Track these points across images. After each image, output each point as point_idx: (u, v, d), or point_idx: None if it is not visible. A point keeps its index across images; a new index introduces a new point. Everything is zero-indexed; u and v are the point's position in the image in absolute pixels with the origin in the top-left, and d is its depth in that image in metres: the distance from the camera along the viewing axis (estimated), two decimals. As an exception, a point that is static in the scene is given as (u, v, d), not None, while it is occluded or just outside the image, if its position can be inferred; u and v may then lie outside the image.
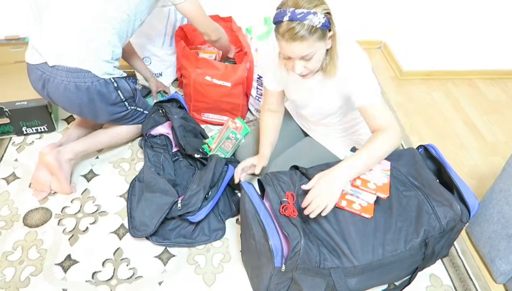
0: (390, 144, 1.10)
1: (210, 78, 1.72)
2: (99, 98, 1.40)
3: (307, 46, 1.02)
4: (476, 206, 1.18)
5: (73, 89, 1.34)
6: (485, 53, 2.34)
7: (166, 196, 1.34)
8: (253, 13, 1.99)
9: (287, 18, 0.99)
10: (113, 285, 1.27)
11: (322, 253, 1.06)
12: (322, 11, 0.99)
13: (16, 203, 1.48)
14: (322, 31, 1.01)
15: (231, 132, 1.71)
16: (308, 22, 0.98)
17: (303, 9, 0.98)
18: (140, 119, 1.64)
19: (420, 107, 2.19)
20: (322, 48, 1.06)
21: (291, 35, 1.00)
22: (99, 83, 1.36)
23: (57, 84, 1.34)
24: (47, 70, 1.34)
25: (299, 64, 1.08)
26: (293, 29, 0.98)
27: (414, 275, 1.20)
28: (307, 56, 1.05)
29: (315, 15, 0.98)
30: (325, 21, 1.00)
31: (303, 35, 0.99)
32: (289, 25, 0.99)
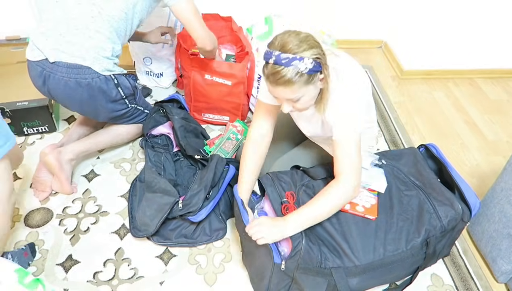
0: (339, 201, 1.06)
1: (210, 77, 1.72)
2: (100, 95, 1.40)
3: (291, 91, 0.98)
4: (477, 205, 1.18)
5: (73, 86, 1.35)
6: (486, 52, 2.33)
7: (167, 196, 1.34)
8: (254, 13, 1.99)
9: (272, 61, 0.95)
10: (114, 285, 1.27)
11: (323, 252, 1.06)
12: (310, 56, 0.94)
13: (17, 203, 1.48)
14: (309, 76, 0.96)
15: (232, 133, 1.71)
16: (293, 68, 0.93)
17: (289, 53, 0.93)
18: (141, 118, 1.63)
19: (421, 107, 2.19)
20: (311, 90, 1.01)
21: (275, 80, 0.96)
22: (100, 79, 1.36)
23: (58, 81, 1.34)
24: (47, 66, 1.34)
25: (286, 105, 1.05)
26: (277, 74, 0.94)
27: (415, 275, 1.20)
28: (294, 98, 1.01)
29: (302, 61, 0.93)
30: (314, 66, 0.94)
31: (287, 80, 0.94)
32: (274, 69, 0.95)
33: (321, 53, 0.97)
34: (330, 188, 1.06)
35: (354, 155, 1.06)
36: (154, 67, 2.01)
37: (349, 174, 1.05)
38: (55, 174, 1.47)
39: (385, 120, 2.05)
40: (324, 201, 1.05)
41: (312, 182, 1.20)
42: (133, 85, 1.50)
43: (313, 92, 1.03)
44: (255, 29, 1.86)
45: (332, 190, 1.05)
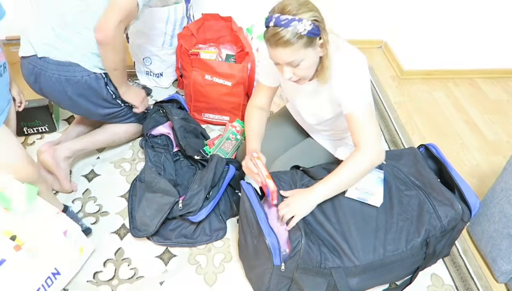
0: (365, 165, 1.08)
1: (210, 77, 1.72)
2: (90, 93, 1.40)
3: (291, 52, 1.00)
4: (477, 205, 1.18)
5: (64, 83, 1.35)
6: (486, 52, 2.33)
7: (167, 196, 1.34)
8: (254, 13, 1.99)
9: (272, 24, 0.97)
10: (114, 285, 1.27)
11: (323, 252, 1.06)
12: (309, 18, 0.97)
13: (17, 203, 1.48)
14: (308, 38, 0.98)
15: (231, 133, 1.71)
16: (292, 29, 0.96)
17: (288, 15, 0.96)
18: (136, 118, 1.63)
19: (421, 107, 2.19)
20: (311, 55, 1.04)
21: (274, 41, 0.98)
22: (89, 77, 1.36)
23: (48, 78, 1.34)
24: (38, 63, 1.34)
25: (286, 70, 1.06)
26: (277, 35, 0.97)
27: (415, 275, 1.20)
28: (293, 62, 1.03)
29: (300, 22, 0.96)
30: (312, 28, 0.97)
31: (286, 41, 0.97)
32: (274, 31, 0.97)
33: (319, 17, 1.00)
34: (355, 157, 1.07)
35: (369, 124, 1.08)
36: (154, 67, 2.01)
37: (369, 144, 1.07)
38: (52, 172, 1.46)
39: (385, 120, 2.05)
40: (351, 169, 1.07)
41: (312, 182, 1.19)
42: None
43: (313, 57, 1.05)
44: (255, 29, 1.86)
45: (357, 158, 1.07)
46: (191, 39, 1.91)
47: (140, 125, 1.67)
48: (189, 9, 1.97)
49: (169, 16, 1.85)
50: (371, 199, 1.15)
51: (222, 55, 1.89)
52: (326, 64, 1.08)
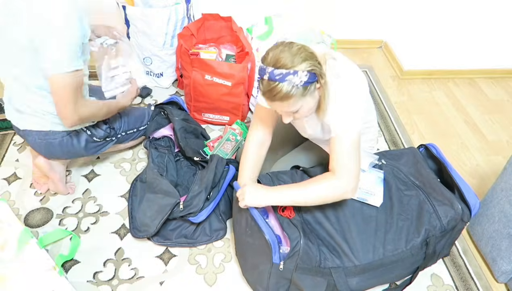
0: (335, 193, 1.04)
1: (210, 77, 1.72)
2: (76, 148, 1.40)
3: (289, 104, 0.98)
4: (477, 205, 1.18)
5: (46, 145, 1.35)
6: (486, 52, 2.33)
7: (168, 197, 1.34)
8: (254, 13, 1.99)
9: (266, 78, 0.94)
10: (114, 285, 1.27)
11: (322, 252, 1.06)
12: (304, 68, 0.93)
13: (17, 203, 1.48)
14: (304, 87, 0.95)
15: (231, 134, 1.71)
16: (287, 83, 0.93)
17: (282, 69, 0.92)
18: (136, 136, 1.63)
19: (421, 107, 2.19)
20: (309, 101, 1.01)
21: (271, 96, 0.96)
22: (70, 136, 1.36)
23: (32, 142, 1.35)
24: (20, 130, 1.34)
25: (286, 117, 1.05)
26: (272, 90, 0.94)
27: (415, 275, 1.20)
28: (292, 111, 1.01)
29: (296, 74, 0.92)
30: (308, 78, 0.94)
31: (283, 96, 0.94)
32: (269, 86, 0.94)
33: (315, 64, 0.96)
34: (330, 181, 1.03)
35: (353, 154, 1.04)
36: (154, 67, 2.01)
37: (345, 174, 1.03)
38: (47, 175, 1.46)
39: (385, 120, 2.05)
40: (320, 189, 1.04)
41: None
42: (108, 126, 1.47)
43: (311, 102, 1.02)
44: (255, 29, 1.86)
45: (332, 183, 1.03)
46: (191, 39, 1.91)
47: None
48: (189, 9, 1.97)
49: (170, 17, 1.85)
50: (371, 199, 1.15)
51: (222, 55, 1.89)
52: (323, 105, 1.04)
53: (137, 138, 1.66)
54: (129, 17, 1.86)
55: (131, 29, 1.90)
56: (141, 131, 1.63)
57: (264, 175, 1.21)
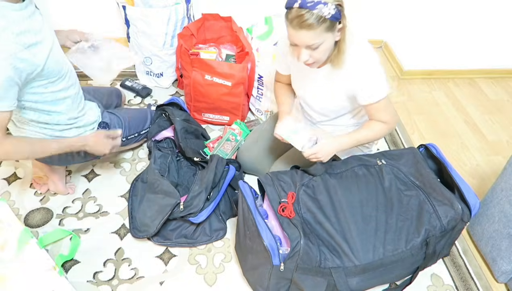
0: (382, 134, 1.24)
1: (210, 77, 1.72)
2: (76, 156, 1.39)
3: (314, 35, 1.02)
4: (477, 205, 1.18)
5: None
6: (486, 52, 2.33)
7: (168, 197, 1.34)
8: (254, 13, 1.99)
9: (297, 5, 0.98)
10: (114, 285, 1.27)
11: (322, 252, 1.06)
12: (333, 2, 0.98)
13: (17, 203, 1.48)
14: (331, 22, 1.01)
15: (231, 134, 1.71)
16: (317, 12, 0.97)
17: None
18: (138, 139, 1.63)
19: (421, 107, 2.19)
20: (330, 39, 1.06)
21: (298, 23, 1.00)
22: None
23: None
24: None
25: (304, 53, 1.08)
26: (302, 17, 0.98)
27: (415, 275, 1.20)
28: (314, 45, 1.05)
29: (326, 5, 0.97)
30: (335, 13, 0.99)
31: (311, 24, 0.98)
32: (298, 12, 0.98)
33: (342, 2, 1.02)
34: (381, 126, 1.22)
35: (389, 105, 1.20)
36: (154, 67, 2.01)
37: (390, 120, 1.21)
38: (46, 174, 1.46)
39: (385, 120, 2.05)
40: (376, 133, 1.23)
41: (312, 182, 1.19)
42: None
43: (331, 41, 1.07)
44: (255, 29, 1.85)
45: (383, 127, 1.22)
46: (191, 39, 1.91)
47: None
48: (189, 9, 1.97)
49: (170, 17, 1.85)
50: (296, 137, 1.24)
51: (222, 55, 1.89)
52: (342, 48, 1.11)
53: (139, 141, 1.66)
54: (129, 17, 1.86)
55: (131, 29, 1.90)
56: (142, 135, 1.63)
57: (264, 175, 1.21)
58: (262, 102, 1.89)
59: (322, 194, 1.16)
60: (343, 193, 1.16)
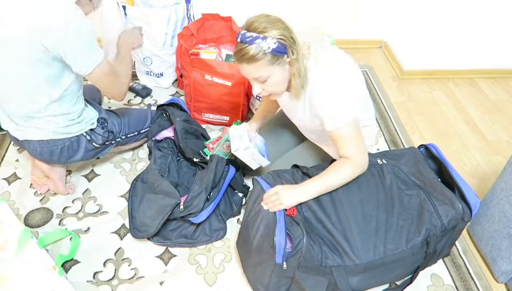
0: (345, 176, 1.12)
1: (210, 77, 1.72)
2: (77, 153, 1.40)
3: (256, 68, 1.02)
4: (478, 205, 1.18)
5: (48, 153, 1.34)
6: (486, 52, 2.33)
7: (168, 197, 1.34)
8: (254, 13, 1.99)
9: (238, 40, 1.01)
10: (114, 285, 1.27)
11: (323, 251, 1.06)
12: (274, 36, 0.98)
13: (17, 203, 1.48)
14: (273, 56, 1.00)
15: (231, 134, 1.70)
16: (255, 46, 0.98)
17: (253, 32, 0.99)
18: (137, 138, 1.63)
19: (421, 107, 2.19)
20: (278, 73, 1.05)
21: (239, 57, 1.02)
22: (71, 142, 1.36)
23: (33, 150, 1.34)
24: (19, 141, 1.34)
25: (255, 85, 1.09)
26: (241, 51, 1.00)
27: (415, 274, 1.20)
28: (260, 78, 1.05)
29: (265, 40, 0.98)
30: (277, 47, 0.99)
31: (250, 57, 0.99)
32: (239, 47, 1.01)
33: (287, 36, 1.01)
34: (339, 167, 1.11)
35: (355, 138, 1.10)
36: (154, 67, 2.01)
37: (353, 155, 1.10)
38: (46, 174, 1.46)
39: (385, 120, 2.05)
40: (336, 176, 1.11)
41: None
42: (104, 132, 1.45)
43: (280, 75, 1.06)
44: (255, 29, 1.85)
45: (345, 166, 1.11)
46: (191, 39, 1.91)
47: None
48: (189, 9, 1.97)
49: (170, 17, 1.85)
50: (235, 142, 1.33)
51: (222, 55, 1.89)
52: (293, 83, 1.10)
53: (140, 141, 1.66)
54: (129, 17, 1.86)
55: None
56: (142, 134, 1.63)
57: (266, 174, 1.21)
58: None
59: (323, 193, 1.16)
60: (344, 191, 1.16)
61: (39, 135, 1.30)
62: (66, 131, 1.32)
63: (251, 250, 1.20)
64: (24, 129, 1.29)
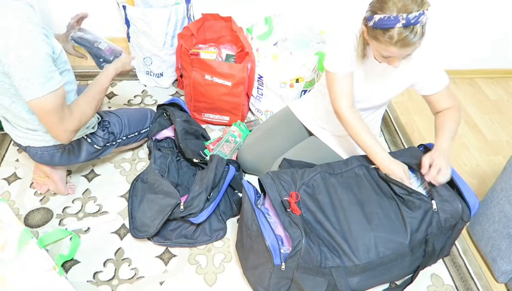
0: (459, 118, 1.27)
1: (210, 77, 1.72)
2: (78, 157, 1.40)
3: (415, 48, 1.05)
4: (477, 205, 1.18)
5: (49, 157, 1.35)
6: (486, 52, 2.33)
7: (168, 197, 1.34)
8: (254, 13, 1.99)
9: (400, 25, 0.99)
10: (114, 285, 1.27)
11: (323, 252, 1.06)
12: (427, 7, 1.01)
13: (17, 203, 1.48)
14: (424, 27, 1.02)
15: (230, 135, 1.71)
16: (420, 25, 1.00)
17: (414, 12, 0.99)
18: (138, 139, 1.63)
19: (421, 106, 2.19)
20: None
21: (405, 43, 1.01)
22: (72, 146, 1.36)
23: (33, 154, 1.34)
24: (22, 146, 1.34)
25: (397, 61, 1.10)
26: (409, 36, 1.00)
27: (415, 274, 1.20)
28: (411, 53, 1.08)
29: (424, 14, 1.00)
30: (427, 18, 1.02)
31: (415, 42, 1.02)
32: (405, 32, 1.00)
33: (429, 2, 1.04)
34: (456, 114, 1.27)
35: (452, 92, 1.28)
36: (154, 67, 2.01)
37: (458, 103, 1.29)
38: (47, 174, 1.46)
39: (385, 120, 2.05)
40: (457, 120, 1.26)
41: (312, 181, 1.20)
42: (104, 134, 1.45)
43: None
44: (255, 29, 1.86)
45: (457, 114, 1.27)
46: (191, 39, 1.91)
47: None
48: (189, 9, 1.97)
49: (170, 17, 1.85)
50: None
51: (222, 55, 1.89)
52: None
53: (140, 141, 1.66)
54: (129, 17, 1.86)
55: (131, 29, 1.90)
56: (142, 134, 1.63)
57: (264, 174, 1.21)
58: (262, 102, 1.89)
59: (322, 193, 1.16)
60: (343, 192, 1.16)
61: (40, 142, 1.30)
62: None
63: (249, 252, 1.20)
64: (26, 136, 1.29)
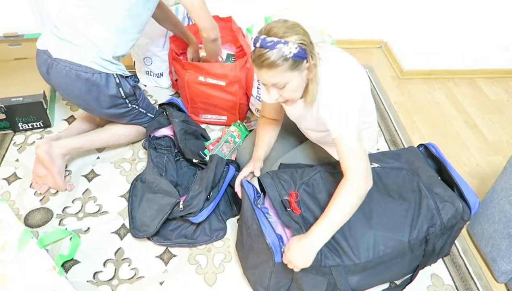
0: (353, 197, 0.99)
1: (204, 78, 1.71)
2: (98, 91, 1.40)
3: (275, 74, 0.99)
4: (477, 204, 1.18)
5: (73, 77, 1.36)
6: (486, 52, 2.33)
7: (168, 196, 1.34)
8: (254, 13, 1.99)
9: (258, 45, 0.98)
10: (114, 285, 1.27)
11: (323, 251, 1.06)
12: (295, 41, 0.96)
13: (17, 203, 1.48)
14: (294, 61, 0.98)
15: (229, 135, 1.71)
16: (277, 51, 0.96)
17: (274, 37, 0.96)
18: (143, 120, 1.63)
19: (421, 107, 2.19)
20: (297, 78, 1.02)
21: (258, 63, 0.99)
22: (100, 76, 1.37)
23: (60, 70, 1.36)
24: (51, 56, 1.37)
25: (273, 91, 1.06)
26: (262, 56, 0.97)
27: (415, 273, 1.20)
28: (278, 84, 1.02)
29: (286, 44, 0.95)
30: (298, 52, 0.97)
31: (270, 63, 0.97)
32: (259, 52, 0.98)
33: (307, 41, 0.99)
34: (342, 189, 1.00)
35: (357, 148, 1.02)
36: (154, 67, 2.01)
37: (356, 169, 1.00)
38: (46, 167, 1.46)
39: (385, 120, 2.05)
40: (340, 204, 0.99)
41: (312, 181, 1.20)
42: (133, 85, 1.50)
43: (299, 80, 1.04)
44: (255, 29, 1.86)
45: (344, 190, 0.99)
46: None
47: (141, 129, 1.66)
48: (189, 9, 1.97)
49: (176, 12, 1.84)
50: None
51: (223, 55, 1.89)
52: (310, 89, 1.07)
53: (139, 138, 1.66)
54: (129, 17, 1.85)
55: (131, 29, 1.90)
56: (147, 118, 1.63)
57: (264, 174, 1.21)
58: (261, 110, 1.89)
59: (321, 193, 1.17)
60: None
61: (78, 57, 1.34)
62: (102, 65, 1.36)
63: (249, 252, 1.20)
64: (68, 47, 1.34)
